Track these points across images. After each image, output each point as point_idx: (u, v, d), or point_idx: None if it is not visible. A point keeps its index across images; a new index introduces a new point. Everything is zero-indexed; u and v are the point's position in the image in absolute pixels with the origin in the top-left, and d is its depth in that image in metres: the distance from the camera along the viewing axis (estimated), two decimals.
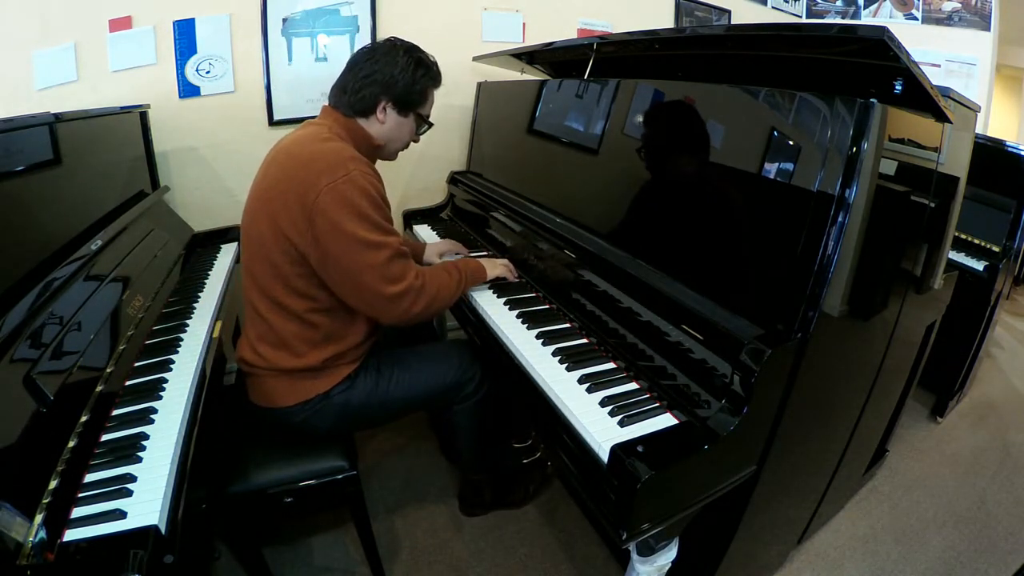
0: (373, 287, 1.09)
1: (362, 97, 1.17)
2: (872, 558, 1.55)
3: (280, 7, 1.97)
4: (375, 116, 1.20)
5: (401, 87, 1.18)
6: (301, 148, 1.12)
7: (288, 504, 1.19)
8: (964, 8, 3.01)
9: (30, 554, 0.68)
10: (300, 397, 1.20)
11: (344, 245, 1.05)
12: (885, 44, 0.77)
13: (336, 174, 1.04)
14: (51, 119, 1.28)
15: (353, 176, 1.05)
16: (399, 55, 1.17)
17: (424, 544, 1.56)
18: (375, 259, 1.07)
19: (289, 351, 1.17)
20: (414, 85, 1.19)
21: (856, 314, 1.02)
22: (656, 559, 1.07)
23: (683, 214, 1.19)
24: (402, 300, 1.13)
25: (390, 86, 1.17)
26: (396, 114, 1.21)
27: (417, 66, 1.19)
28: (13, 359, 0.88)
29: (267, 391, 1.21)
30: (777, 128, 0.99)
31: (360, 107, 1.18)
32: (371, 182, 1.08)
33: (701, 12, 2.84)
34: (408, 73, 1.17)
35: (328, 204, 1.03)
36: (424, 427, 2.00)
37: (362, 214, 1.05)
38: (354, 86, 1.17)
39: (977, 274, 2.03)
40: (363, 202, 1.05)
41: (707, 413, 0.92)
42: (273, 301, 1.14)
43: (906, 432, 2.09)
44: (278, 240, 1.08)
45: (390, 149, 1.27)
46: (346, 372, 1.23)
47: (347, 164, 1.06)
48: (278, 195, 1.08)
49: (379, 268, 1.08)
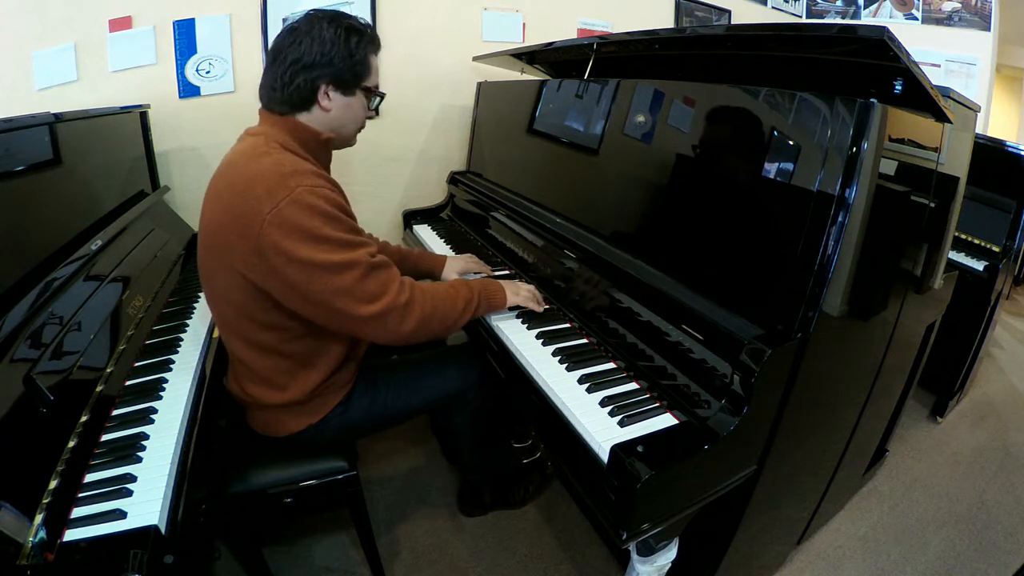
0: (348, 311, 0.96)
1: (296, 88, 0.99)
2: (872, 558, 1.55)
3: (280, 7, 1.97)
4: (317, 105, 1.02)
5: (339, 64, 0.99)
6: (235, 172, 0.97)
7: (288, 504, 1.19)
8: (964, 8, 3.01)
9: (30, 554, 0.68)
10: (294, 428, 1.17)
11: (305, 274, 0.91)
12: (885, 44, 0.77)
13: (277, 198, 0.89)
14: (51, 119, 1.28)
15: (297, 195, 0.90)
16: (324, 28, 0.98)
17: (424, 544, 1.56)
18: (343, 282, 0.94)
19: (271, 387, 1.10)
20: (352, 57, 1.00)
21: (856, 314, 1.02)
22: (656, 559, 1.07)
23: (683, 214, 1.18)
24: (385, 320, 1.00)
25: (325, 66, 0.99)
26: (341, 96, 1.03)
27: (349, 34, 1.00)
28: (13, 359, 0.88)
29: (262, 422, 1.19)
30: (777, 128, 0.99)
31: (297, 99, 1.01)
32: (322, 195, 0.93)
33: (701, 12, 2.84)
34: (341, 46, 0.99)
35: (275, 235, 0.89)
36: (424, 428, 2.00)
37: (315, 236, 0.91)
38: (284, 78, 0.99)
39: (977, 274, 2.03)
40: (314, 221, 0.90)
41: (707, 413, 0.92)
42: (245, 340, 1.06)
43: (906, 432, 2.09)
44: (234, 278, 0.97)
45: (343, 135, 1.10)
46: (337, 398, 1.19)
47: (287, 182, 0.91)
48: (221, 231, 0.95)
49: (350, 290, 0.95)
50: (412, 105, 2.24)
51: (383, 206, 2.33)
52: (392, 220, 2.35)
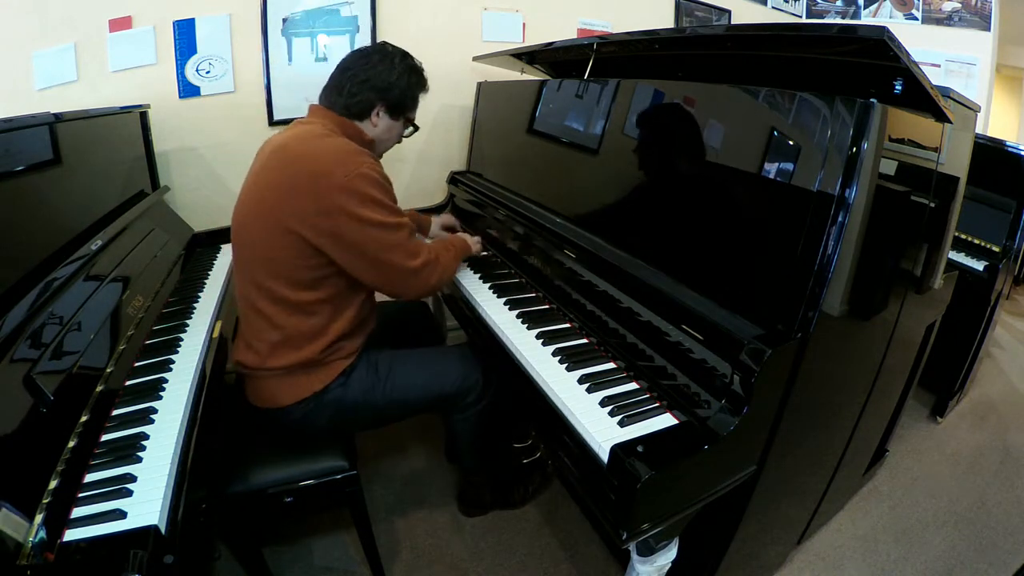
0: (400, 264, 1.16)
1: (359, 100, 1.20)
2: (872, 558, 1.55)
3: (280, 7, 1.97)
4: (369, 120, 1.23)
5: (396, 93, 1.22)
6: (303, 146, 1.13)
7: (288, 504, 1.19)
8: (964, 8, 3.01)
9: (30, 554, 0.68)
10: (297, 395, 1.20)
11: (369, 233, 1.10)
12: (885, 44, 0.77)
13: (349, 167, 1.07)
14: (51, 119, 1.28)
15: (364, 170, 1.09)
16: (396, 62, 1.22)
17: (424, 544, 1.56)
18: (398, 239, 1.14)
19: (289, 346, 1.17)
20: (408, 91, 1.24)
21: (856, 314, 1.02)
22: (656, 559, 1.07)
23: (683, 214, 1.18)
24: (423, 273, 1.21)
25: (386, 92, 1.21)
26: (389, 118, 1.25)
27: (411, 73, 1.24)
28: (13, 359, 0.88)
29: (264, 392, 1.21)
30: (777, 128, 0.99)
31: (356, 109, 1.21)
32: (380, 172, 1.13)
33: (701, 12, 2.84)
34: (404, 80, 1.22)
35: (346, 198, 1.06)
36: (425, 428, 2.00)
37: (379, 202, 1.10)
38: (350, 89, 1.20)
39: (977, 274, 2.03)
40: (376, 191, 1.10)
41: (707, 413, 0.92)
42: (272, 297, 1.15)
43: (906, 432, 2.09)
44: (283, 236, 1.09)
45: (378, 150, 1.30)
46: (343, 367, 1.23)
47: (356, 158, 1.10)
48: (283, 193, 1.09)
49: (402, 246, 1.16)
50: None
51: None
52: None
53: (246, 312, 1.21)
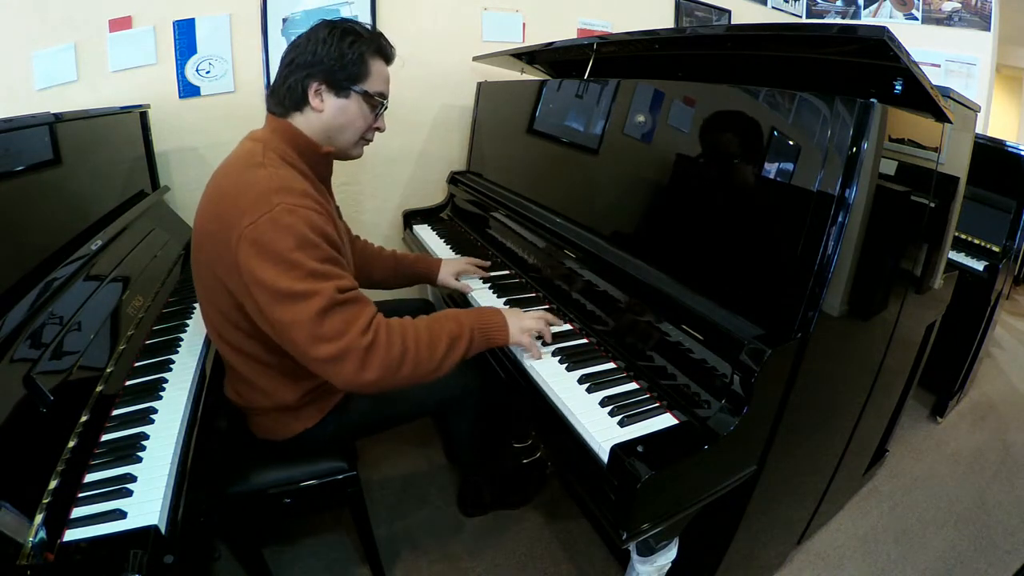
0: (300, 348, 0.90)
1: (289, 87, 1.00)
2: (872, 558, 1.55)
3: (280, 7, 1.97)
4: (309, 106, 1.01)
5: (328, 62, 0.99)
6: (228, 180, 0.97)
7: (288, 504, 1.18)
8: (964, 8, 3.01)
9: (30, 554, 0.68)
10: (292, 431, 1.16)
11: (265, 298, 0.88)
12: (885, 44, 0.77)
13: (257, 213, 0.87)
14: (51, 119, 1.28)
15: (276, 213, 0.87)
16: (320, 31, 1.00)
17: (424, 544, 1.56)
18: (299, 314, 0.87)
19: (260, 392, 1.09)
20: (344, 57, 0.99)
21: (856, 314, 1.02)
22: (656, 559, 1.07)
23: (683, 214, 1.18)
24: (341, 364, 0.90)
25: (313, 65, 0.99)
26: (334, 96, 1.01)
27: (344, 35, 1.00)
28: (13, 359, 0.88)
29: (259, 426, 1.18)
30: (777, 128, 0.99)
31: (290, 100, 1.01)
32: (302, 215, 0.89)
33: (701, 12, 2.84)
34: (332, 45, 0.99)
35: (247, 251, 0.87)
36: (425, 428, 2.00)
37: (283, 259, 0.86)
38: (279, 80, 1.02)
39: (977, 274, 2.03)
40: (286, 243, 0.86)
41: (707, 413, 0.92)
42: (231, 345, 1.05)
43: (906, 432, 2.09)
44: (218, 283, 0.96)
45: (342, 143, 1.07)
46: (333, 402, 1.18)
47: (271, 198, 0.88)
48: (208, 238, 0.95)
49: (306, 325, 0.87)
50: (412, 105, 2.24)
51: (383, 206, 2.33)
52: (392, 220, 2.35)
53: (219, 353, 1.13)
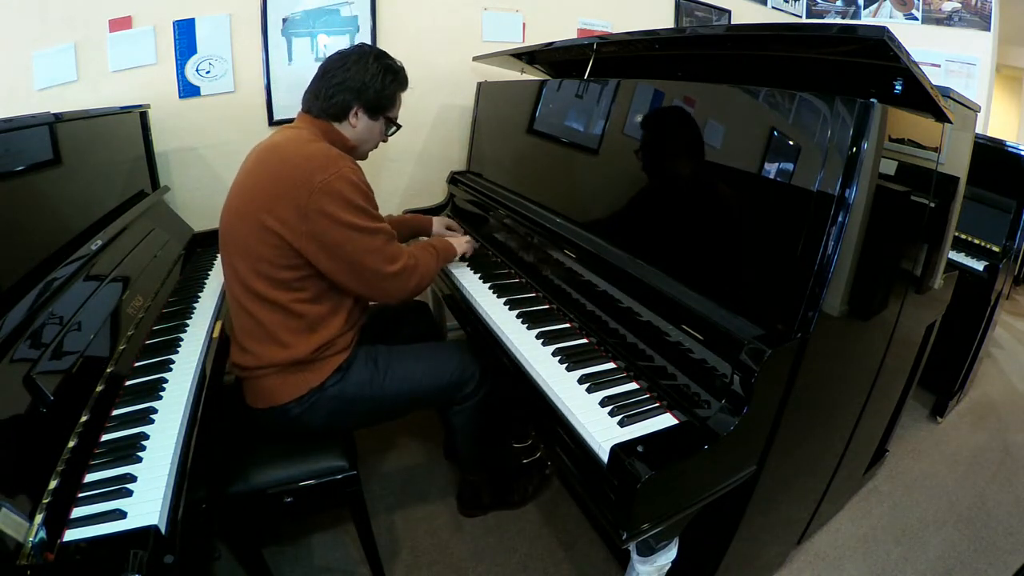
0: (376, 268, 1.18)
1: (336, 103, 1.23)
2: (872, 558, 1.55)
3: (280, 7, 1.97)
4: (348, 121, 1.26)
5: (372, 93, 1.24)
6: (290, 150, 1.16)
7: (288, 504, 1.19)
8: (964, 8, 3.01)
9: (30, 554, 0.68)
10: (294, 393, 1.20)
11: (345, 235, 1.12)
12: (885, 44, 0.77)
13: (328, 171, 1.10)
14: (51, 119, 1.28)
15: (344, 172, 1.11)
16: (370, 62, 1.24)
17: (424, 544, 1.56)
18: (374, 243, 1.16)
19: (277, 343, 1.18)
20: (384, 91, 1.26)
21: (856, 314, 1.02)
22: (656, 559, 1.07)
23: (683, 214, 1.19)
24: (401, 277, 1.23)
25: (361, 92, 1.23)
26: (367, 118, 1.27)
27: (386, 72, 1.26)
28: (13, 359, 0.88)
29: (261, 391, 1.21)
30: (777, 128, 0.99)
31: (334, 112, 1.24)
32: (360, 177, 1.16)
33: (701, 12, 2.84)
34: (378, 80, 1.24)
35: (325, 201, 1.09)
36: (424, 427, 2.00)
37: (356, 205, 1.13)
38: (327, 92, 1.23)
39: (977, 274, 2.03)
40: (355, 195, 1.13)
41: (707, 413, 0.92)
42: (256, 295, 1.16)
43: (906, 432, 2.09)
44: (266, 237, 1.11)
45: (362, 150, 1.34)
46: (338, 362, 1.24)
47: (337, 162, 1.12)
48: (269, 195, 1.11)
49: (379, 251, 1.17)
50: (412, 105, 2.22)
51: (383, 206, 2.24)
52: None
53: (236, 312, 1.23)
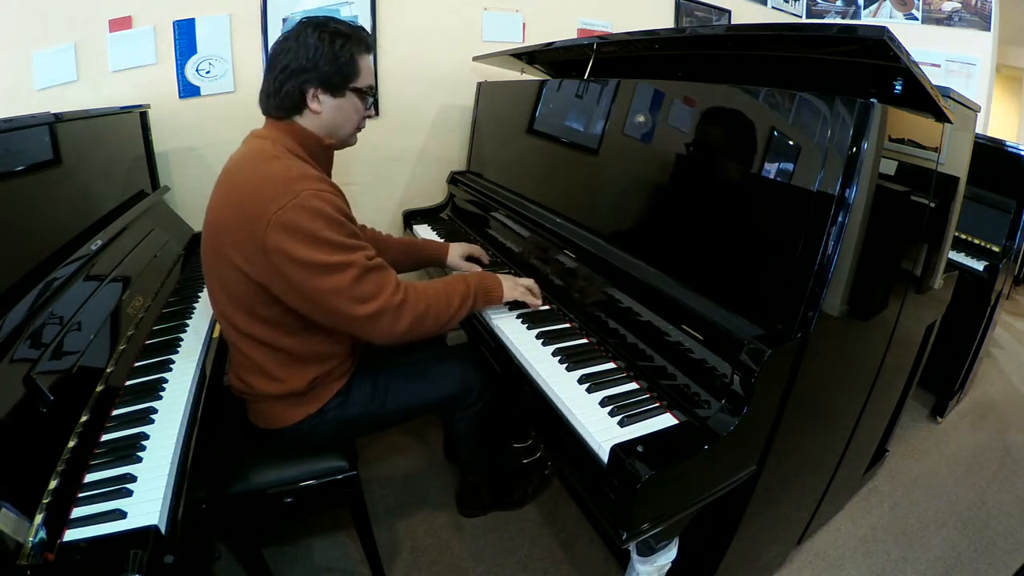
0: (343, 311, 1.00)
1: (287, 93, 1.05)
2: (872, 558, 1.55)
3: (280, 7, 1.97)
4: (308, 109, 1.07)
5: (324, 67, 1.03)
6: (244, 174, 1.02)
7: (288, 504, 1.19)
8: (964, 8, 3.01)
9: (30, 554, 0.68)
10: (294, 418, 1.18)
11: (304, 274, 0.96)
12: (885, 44, 0.77)
13: (283, 201, 0.94)
14: (51, 119, 1.28)
15: (302, 199, 0.95)
16: (309, 34, 1.03)
17: (424, 544, 1.56)
18: (339, 282, 0.98)
19: (267, 376, 1.12)
20: (338, 60, 1.04)
21: (856, 314, 1.02)
22: (656, 559, 1.07)
23: (683, 214, 1.18)
24: (379, 320, 1.03)
25: (310, 71, 1.03)
26: (330, 98, 1.07)
27: (334, 38, 1.04)
28: (13, 359, 0.88)
29: (260, 413, 1.20)
30: (777, 128, 0.99)
31: (288, 105, 1.06)
32: (325, 199, 0.98)
33: (701, 12, 2.84)
34: (325, 50, 1.03)
35: (278, 236, 0.94)
36: (424, 428, 2.00)
37: (316, 238, 0.95)
38: (275, 86, 1.05)
39: (977, 274, 2.03)
40: (316, 224, 0.95)
41: (707, 413, 0.92)
42: (242, 332, 1.09)
43: (906, 432, 2.09)
44: (235, 272, 1.01)
45: (341, 136, 1.14)
46: (336, 388, 1.20)
47: (293, 187, 0.96)
48: (226, 229, 1.00)
49: (346, 291, 0.99)
50: (412, 105, 2.24)
51: (383, 206, 2.33)
52: (392, 220, 2.34)
53: (227, 340, 1.17)
